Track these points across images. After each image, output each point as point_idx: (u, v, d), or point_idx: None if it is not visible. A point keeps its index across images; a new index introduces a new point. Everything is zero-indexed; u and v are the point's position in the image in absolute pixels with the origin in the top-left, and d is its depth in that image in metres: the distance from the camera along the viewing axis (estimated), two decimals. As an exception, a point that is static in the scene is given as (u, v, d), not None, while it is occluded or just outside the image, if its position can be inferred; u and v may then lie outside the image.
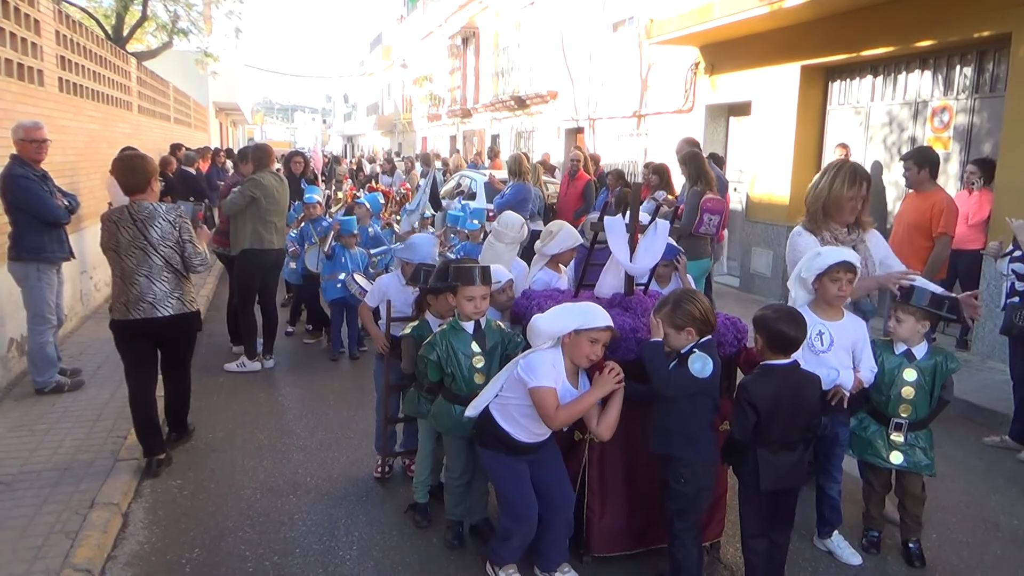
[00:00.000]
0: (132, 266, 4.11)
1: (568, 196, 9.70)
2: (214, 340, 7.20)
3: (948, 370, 3.40)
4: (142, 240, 4.11)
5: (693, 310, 2.92)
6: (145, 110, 12.13)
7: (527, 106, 18.96)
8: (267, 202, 6.06)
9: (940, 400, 3.44)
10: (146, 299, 4.13)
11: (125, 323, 4.16)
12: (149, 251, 4.12)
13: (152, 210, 4.16)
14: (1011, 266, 4.68)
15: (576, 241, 4.17)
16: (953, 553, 3.65)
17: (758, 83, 9.95)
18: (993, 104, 7.09)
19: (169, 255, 4.18)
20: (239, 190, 6.02)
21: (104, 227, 4.17)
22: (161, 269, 4.16)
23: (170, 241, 4.19)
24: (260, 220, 6.07)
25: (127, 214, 4.12)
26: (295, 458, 4.59)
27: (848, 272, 3.34)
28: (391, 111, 39.35)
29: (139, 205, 4.16)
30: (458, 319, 3.40)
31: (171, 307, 4.19)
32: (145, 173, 4.23)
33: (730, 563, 3.46)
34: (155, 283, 4.14)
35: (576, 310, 3.00)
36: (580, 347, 2.94)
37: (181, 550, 3.52)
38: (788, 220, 9.46)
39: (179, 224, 4.23)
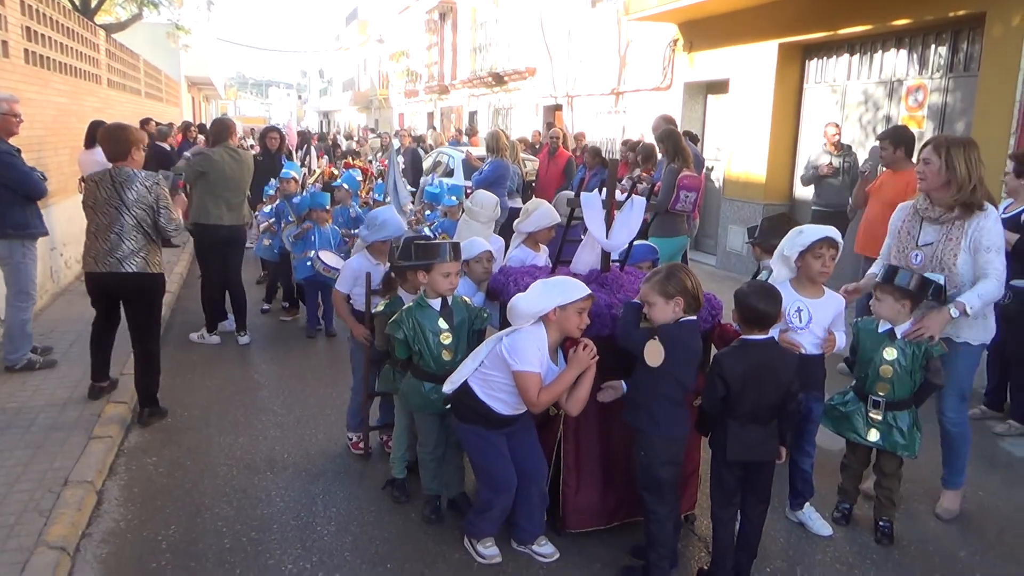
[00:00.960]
0: (105, 223, 4.41)
1: (549, 174, 9.68)
2: (188, 318, 7.13)
3: (929, 354, 3.37)
4: (117, 200, 4.40)
5: (686, 280, 2.95)
6: (115, 84, 11.87)
7: (505, 82, 18.84)
8: (215, 177, 5.98)
9: (927, 383, 3.41)
10: (114, 255, 4.41)
11: (93, 275, 4.53)
12: (123, 210, 4.40)
13: (131, 174, 4.45)
14: None
15: (552, 220, 4.16)
16: (921, 524, 3.74)
17: (736, 61, 9.96)
18: (967, 83, 7.17)
19: (141, 217, 4.43)
20: (187, 161, 5.97)
21: (86, 186, 4.56)
22: (132, 229, 4.42)
23: (144, 204, 4.43)
24: (208, 195, 6.01)
25: (108, 176, 4.45)
26: (272, 435, 4.57)
27: (831, 248, 3.37)
28: (367, 87, 38.90)
29: (120, 170, 4.46)
30: (424, 296, 3.39)
31: (136, 265, 4.45)
32: (128, 142, 4.52)
33: (704, 536, 3.51)
34: (124, 241, 4.41)
35: (555, 287, 3.01)
36: (570, 319, 2.98)
37: (157, 527, 3.50)
38: (764, 198, 9.53)
39: (155, 191, 4.47)
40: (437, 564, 3.25)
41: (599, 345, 3.04)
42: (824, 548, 3.48)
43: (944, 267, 3.45)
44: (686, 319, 2.97)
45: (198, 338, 6.41)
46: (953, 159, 3.37)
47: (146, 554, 3.29)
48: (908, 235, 3.61)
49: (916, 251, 3.55)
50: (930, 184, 3.48)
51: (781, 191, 9.66)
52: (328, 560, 3.27)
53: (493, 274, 3.89)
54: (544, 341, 3.00)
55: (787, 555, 3.41)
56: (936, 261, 3.47)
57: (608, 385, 3.15)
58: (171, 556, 3.28)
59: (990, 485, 4.18)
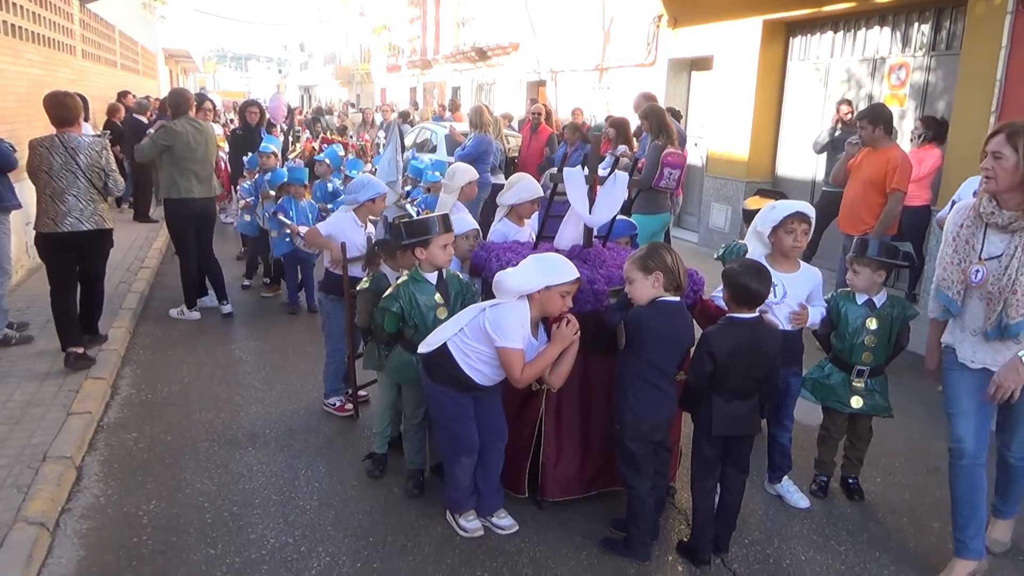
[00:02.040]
0: (63, 187, 4.78)
1: (531, 150, 9.63)
2: (168, 294, 7.06)
3: (906, 317, 3.58)
4: (73, 165, 4.78)
5: (666, 256, 2.96)
6: (90, 55, 11.63)
7: (488, 57, 18.66)
8: (181, 150, 5.88)
9: (897, 345, 3.62)
10: (72, 215, 4.82)
11: (54, 235, 4.83)
12: (78, 175, 4.81)
13: (80, 140, 4.85)
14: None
15: (534, 193, 4.15)
16: (895, 495, 3.81)
17: (720, 37, 9.92)
18: (948, 62, 7.19)
19: (94, 179, 4.89)
20: (151, 137, 5.85)
21: (34, 151, 4.77)
22: (86, 190, 4.86)
23: (96, 168, 4.89)
24: (176, 169, 5.91)
25: (58, 142, 4.77)
26: (253, 411, 4.56)
27: (802, 223, 3.39)
28: (349, 61, 38.38)
29: (68, 136, 4.81)
30: (420, 271, 3.38)
31: (93, 223, 4.91)
32: (75, 109, 4.90)
33: (684, 508, 3.56)
34: (81, 202, 4.84)
35: (545, 265, 2.99)
36: (552, 301, 2.97)
37: (138, 502, 3.49)
38: (747, 176, 9.56)
39: (104, 155, 4.95)
40: (420, 538, 3.26)
41: (581, 321, 3.05)
42: (801, 520, 3.54)
43: (1016, 286, 2.75)
44: (666, 299, 2.98)
45: (177, 314, 6.35)
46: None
47: (127, 529, 3.28)
48: (967, 245, 2.91)
49: (978, 266, 2.85)
50: (1001, 184, 2.79)
51: (764, 168, 9.68)
52: (311, 534, 3.28)
53: (475, 250, 3.89)
54: (527, 317, 2.99)
55: (765, 527, 3.46)
56: (1005, 280, 2.77)
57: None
58: (152, 531, 3.27)
59: (964, 458, 4.25)
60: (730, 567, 3.14)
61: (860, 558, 3.25)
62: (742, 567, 3.15)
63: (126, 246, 8.78)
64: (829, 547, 3.33)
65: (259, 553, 3.14)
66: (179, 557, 3.10)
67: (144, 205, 10.72)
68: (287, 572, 3.01)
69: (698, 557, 3.12)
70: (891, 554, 3.29)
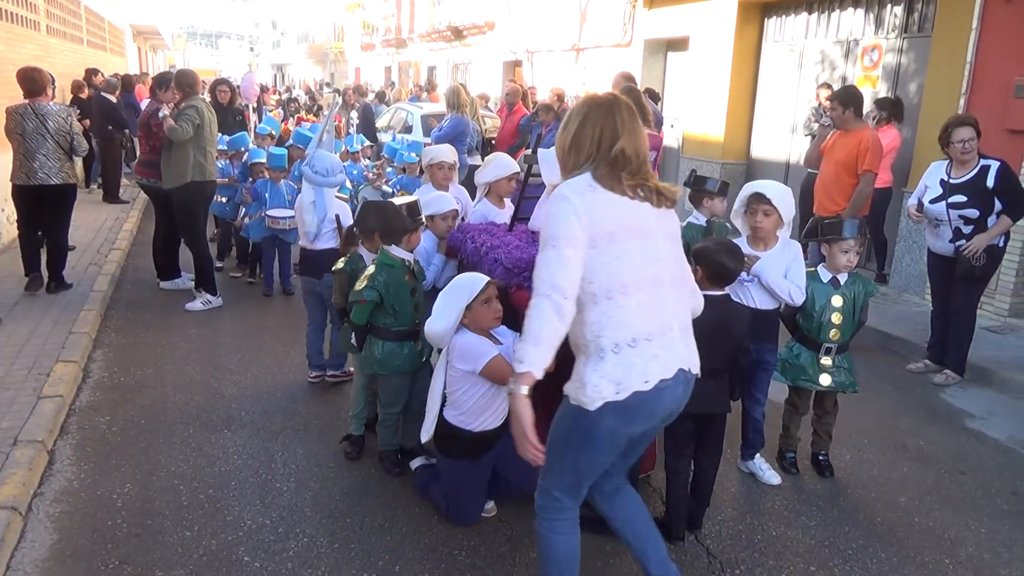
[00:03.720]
0: (33, 147, 5.75)
1: (506, 131, 9.60)
2: (140, 276, 6.98)
3: (868, 294, 3.66)
4: (43, 129, 5.77)
5: None
6: (54, 31, 11.33)
7: (464, 37, 18.50)
8: (207, 130, 5.82)
9: (859, 322, 3.69)
10: (43, 171, 5.80)
11: (26, 187, 5.85)
12: (48, 137, 5.78)
13: (49, 109, 5.86)
14: (952, 211, 4.85)
15: (509, 169, 4.16)
16: (864, 471, 3.89)
17: (696, 18, 9.92)
18: (920, 44, 7.26)
19: (61, 141, 5.85)
20: (182, 118, 5.67)
21: (10, 116, 5.80)
22: (54, 150, 5.83)
23: (63, 132, 5.85)
24: (200, 151, 5.81)
25: (30, 109, 5.78)
26: (229, 393, 4.53)
27: (761, 203, 3.44)
28: (323, 39, 37.83)
29: (38, 104, 5.81)
30: (389, 254, 3.39)
31: (59, 178, 5.89)
32: (43, 82, 5.88)
33: (659, 487, 3.60)
34: (49, 160, 5.82)
35: (453, 292, 3.00)
36: (480, 315, 2.98)
37: (112, 485, 3.47)
38: (722, 157, 9.61)
39: (69, 121, 5.95)
40: (397, 518, 3.28)
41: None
42: (773, 496, 3.61)
43: None
44: None
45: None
46: None
47: (101, 512, 3.26)
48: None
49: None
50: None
51: (739, 149, 9.74)
52: (288, 516, 3.28)
53: (451, 232, 3.89)
54: (478, 337, 3.00)
55: (737, 504, 3.53)
56: None
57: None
58: (127, 514, 3.25)
59: (930, 434, 4.36)
60: (703, 543, 3.20)
61: (830, 533, 3.33)
62: (715, 543, 3.21)
63: (96, 227, 8.64)
64: (800, 522, 3.40)
65: (236, 535, 3.14)
66: (154, 540, 3.08)
67: (114, 185, 10.53)
68: (264, 553, 3.02)
69: (672, 533, 3.17)
70: (860, 528, 3.37)
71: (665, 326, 2.22)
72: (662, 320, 2.22)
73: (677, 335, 2.26)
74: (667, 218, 2.33)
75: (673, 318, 2.26)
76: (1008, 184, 4.74)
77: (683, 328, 2.30)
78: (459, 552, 3.08)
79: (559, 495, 2.43)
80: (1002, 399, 4.91)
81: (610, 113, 2.27)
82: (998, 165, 4.76)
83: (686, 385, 2.31)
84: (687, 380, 2.30)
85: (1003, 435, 4.39)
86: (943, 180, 4.93)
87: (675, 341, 2.25)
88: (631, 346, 2.16)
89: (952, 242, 4.89)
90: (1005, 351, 5.48)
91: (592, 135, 2.25)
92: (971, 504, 3.63)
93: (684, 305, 2.34)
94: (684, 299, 2.34)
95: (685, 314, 2.33)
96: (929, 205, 4.97)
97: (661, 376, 2.19)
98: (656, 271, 2.24)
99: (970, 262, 4.77)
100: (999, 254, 4.91)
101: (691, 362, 2.31)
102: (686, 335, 2.31)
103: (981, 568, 3.13)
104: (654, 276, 2.23)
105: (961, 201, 4.81)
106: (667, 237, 2.30)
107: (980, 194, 4.77)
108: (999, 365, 5.19)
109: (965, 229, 4.83)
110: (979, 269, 4.80)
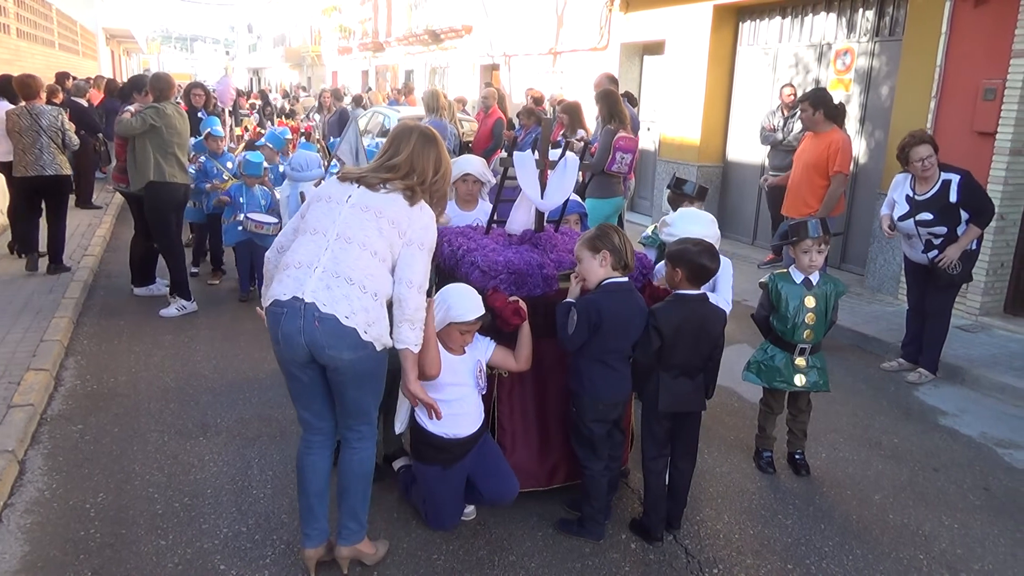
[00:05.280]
0: (30, 142, 6.58)
1: (481, 134, 9.61)
2: (113, 282, 6.89)
3: (839, 293, 3.72)
4: (36, 126, 6.60)
5: (614, 236, 3.00)
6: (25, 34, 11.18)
7: (441, 40, 18.49)
8: (168, 133, 5.71)
9: (830, 322, 3.74)
10: (39, 163, 6.61)
11: (26, 178, 6.67)
12: (41, 134, 6.61)
13: (42, 109, 6.74)
14: (920, 229, 4.89)
15: (461, 169, 4.14)
16: (840, 470, 3.93)
17: (672, 21, 9.99)
18: (892, 47, 7.37)
19: (54, 136, 6.68)
20: (138, 114, 5.62)
21: (10, 117, 6.64)
22: (48, 145, 6.64)
23: (54, 129, 6.68)
24: (161, 152, 5.71)
25: (25, 110, 6.65)
26: (204, 400, 4.48)
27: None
28: (299, 43, 37.62)
29: (34, 106, 6.70)
30: None
31: (53, 169, 6.68)
32: (37, 87, 6.83)
33: (636, 488, 3.62)
34: (43, 154, 6.62)
35: (452, 298, 2.98)
36: (452, 337, 3.00)
37: (85, 495, 3.41)
38: (699, 160, 9.68)
39: (60, 119, 6.79)
40: (375, 523, 3.26)
41: (531, 305, 3.08)
42: (750, 496, 3.64)
43: None
44: (615, 280, 3.02)
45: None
46: None
47: (74, 522, 3.21)
48: None
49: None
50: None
51: (715, 153, 9.82)
52: (265, 523, 3.25)
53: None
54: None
55: (715, 503, 3.55)
56: None
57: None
58: (100, 524, 3.20)
59: (904, 431, 4.42)
60: (681, 543, 3.22)
61: (806, 531, 3.36)
62: (693, 543, 3.23)
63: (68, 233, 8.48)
64: (776, 521, 3.43)
65: (212, 543, 3.10)
66: (129, 549, 3.04)
67: (87, 192, 10.39)
68: (240, 561, 2.99)
69: (651, 534, 3.19)
70: (836, 526, 3.41)
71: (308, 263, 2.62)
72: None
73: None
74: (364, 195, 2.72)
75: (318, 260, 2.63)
76: (971, 196, 4.77)
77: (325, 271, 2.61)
78: (438, 557, 3.07)
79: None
80: (974, 396, 4.99)
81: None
82: (959, 179, 4.76)
83: (305, 317, 2.57)
84: (306, 311, 2.56)
85: (975, 432, 4.46)
86: (909, 196, 4.96)
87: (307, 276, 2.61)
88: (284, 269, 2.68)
89: (925, 253, 4.95)
90: (976, 349, 5.57)
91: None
92: (944, 500, 3.68)
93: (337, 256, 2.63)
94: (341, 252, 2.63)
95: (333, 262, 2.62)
96: (899, 222, 5.02)
97: (275, 297, 2.63)
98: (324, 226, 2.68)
99: (947, 271, 4.84)
100: (974, 256, 4.95)
101: (315, 297, 2.57)
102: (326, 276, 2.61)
103: (955, 563, 3.18)
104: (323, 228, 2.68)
105: (928, 219, 4.83)
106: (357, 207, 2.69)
107: (945, 210, 4.79)
108: (971, 363, 5.27)
109: (936, 242, 4.89)
110: (957, 277, 4.87)
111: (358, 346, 2.60)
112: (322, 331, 2.56)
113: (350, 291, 2.58)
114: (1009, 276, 6.25)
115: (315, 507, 2.86)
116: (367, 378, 2.72)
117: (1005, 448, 4.28)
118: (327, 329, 2.56)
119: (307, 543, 2.88)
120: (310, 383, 2.76)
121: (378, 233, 2.64)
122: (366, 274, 2.61)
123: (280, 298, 2.62)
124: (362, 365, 2.65)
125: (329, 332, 2.56)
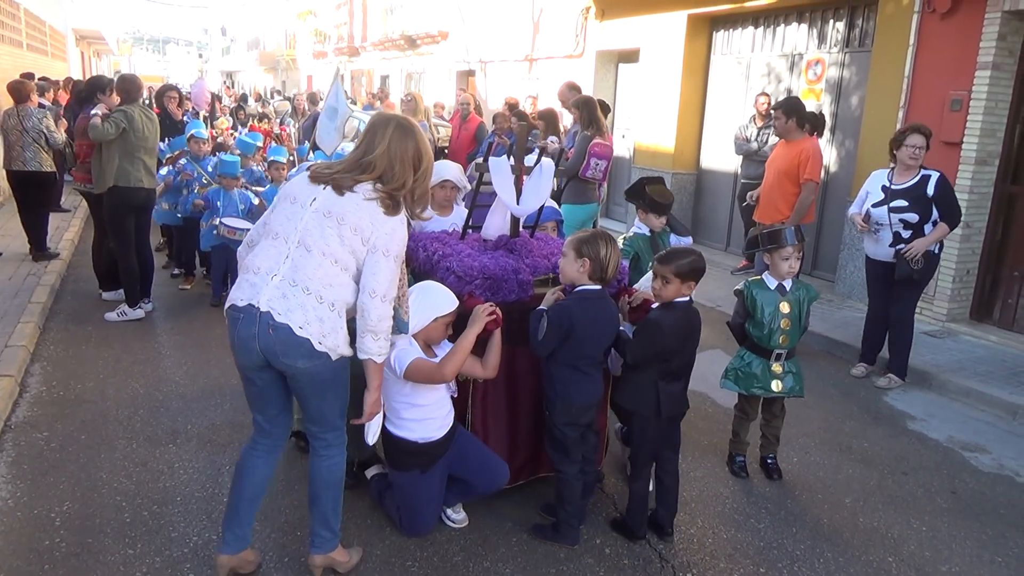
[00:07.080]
0: (14, 140, 7.21)
1: (460, 139, 9.60)
2: (81, 287, 6.77)
3: (812, 298, 3.78)
4: (21, 127, 7.24)
5: (601, 247, 2.99)
6: (-8, 34, 10.98)
7: (417, 46, 18.46)
8: (135, 137, 5.63)
9: (803, 327, 3.80)
10: (22, 159, 7.24)
11: (11, 172, 7.36)
12: (25, 134, 7.25)
13: (29, 111, 7.36)
14: (893, 215, 4.99)
15: (438, 175, 4.11)
16: (811, 474, 3.98)
17: (646, 30, 10.08)
18: (862, 58, 7.50)
19: (37, 136, 7.28)
20: (109, 119, 5.52)
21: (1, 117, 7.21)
22: (32, 144, 7.25)
23: (37, 129, 7.28)
24: (127, 156, 5.62)
25: (14, 111, 7.31)
26: (174, 407, 4.41)
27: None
28: (274, 47, 37.36)
29: (21, 107, 7.34)
30: None
31: (35, 166, 7.33)
32: (25, 90, 7.45)
33: (611, 493, 3.63)
34: (26, 151, 7.27)
35: (430, 298, 3.02)
36: (436, 331, 3.02)
37: (50, 503, 3.34)
38: (672, 167, 9.76)
39: (44, 122, 7.38)
40: (349, 530, 3.22)
41: (506, 311, 3.07)
42: (723, 500, 3.66)
43: None
44: (588, 287, 3.03)
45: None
46: None
47: (38, 532, 3.14)
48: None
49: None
50: None
51: (689, 161, 9.91)
52: (235, 530, 3.20)
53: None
54: (419, 351, 2.98)
55: (688, 508, 3.57)
56: None
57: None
58: (66, 533, 3.14)
59: (874, 436, 4.48)
60: (655, 548, 3.23)
61: (778, 535, 3.39)
62: (667, 547, 3.24)
63: (35, 237, 8.33)
64: (749, 525, 3.46)
65: (181, 552, 3.05)
66: (96, 559, 2.98)
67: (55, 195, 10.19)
68: (211, 570, 2.93)
69: (635, 534, 3.23)
70: (807, 529, 3.44)
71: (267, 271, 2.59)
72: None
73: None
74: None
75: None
76: (945, 194, 4.93)
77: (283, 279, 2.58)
78: (412, 563, 3.05)
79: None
80: (941, 401, 5.08)
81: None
82: (938, 176, 4.94)
83: (260, 325, 2.55)
84: (261, 319, 2.55)
85: (942, 436, 4.54)
86: (885, 186, 5.10)
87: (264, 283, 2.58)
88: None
89: (892, 246, 5.05)
90: (943, 355, 5.67)
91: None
92: (913, 503, 3.73)
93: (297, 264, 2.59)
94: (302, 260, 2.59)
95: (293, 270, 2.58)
96: (872, 209, 5.12)
97: (232, 302, 2.62)
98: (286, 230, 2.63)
99: (909, 264, 4.93)
100: (935, 260, 5.10)
101: (271, 306, 2.54)
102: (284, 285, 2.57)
103: (923, 565, 3.22)
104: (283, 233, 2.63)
105: (902, 206, 4.97)
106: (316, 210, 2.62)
107: (920, 200, 4.94)
108: (938, 368, 5.37)
109: (904, 234, 4.99)
110: (917, 273, 4.96)
111: (312, 355, 2.56)
112: (276, 339, 2.54)
113: (306, 300, 2.54)
114: (974, 283, 6.38)
115: (242, 512, 2.81)
116: (327, 386, 2.68)
117: (971, 452, 4.35)
118: (280, 338, 2.53)
119: (224, 548, 2.81)
120: (264, 387, 2.74)
121: (339, 241, 2.57)
122: (325, 283, 2.56)
123: (237, 304, 2.61)
124: (318, 372, 2.61)
125: (283, 341, 2.53)
